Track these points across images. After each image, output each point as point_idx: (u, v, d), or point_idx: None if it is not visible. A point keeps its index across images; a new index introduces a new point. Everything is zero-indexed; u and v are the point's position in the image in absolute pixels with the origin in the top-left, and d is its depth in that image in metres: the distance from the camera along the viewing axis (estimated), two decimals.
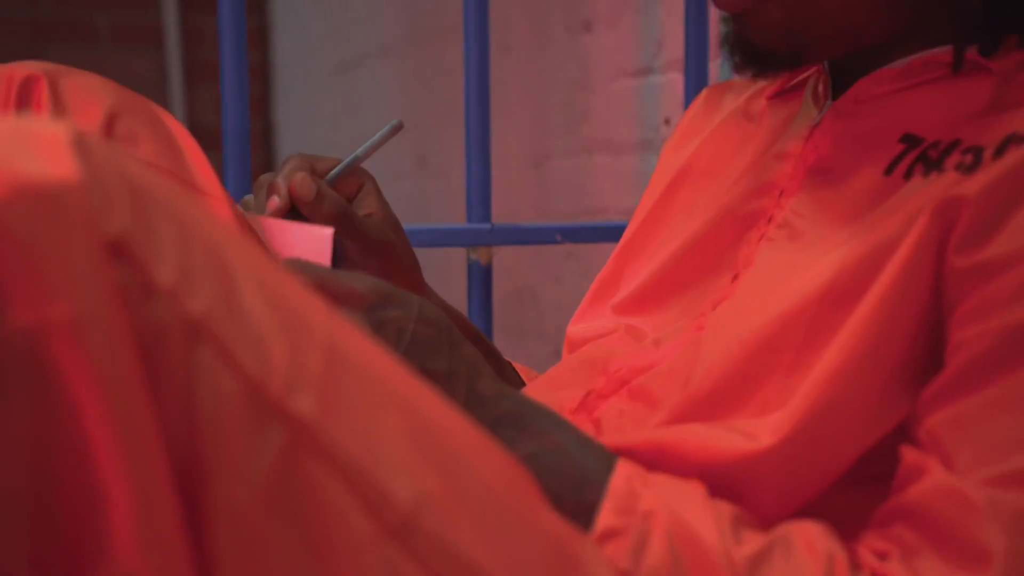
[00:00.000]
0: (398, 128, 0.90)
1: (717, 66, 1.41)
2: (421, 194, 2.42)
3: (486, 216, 1.33)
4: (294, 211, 0.85)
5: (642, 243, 0.92)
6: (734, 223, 0.82)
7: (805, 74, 0.87)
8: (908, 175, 0.73)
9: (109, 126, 0.81)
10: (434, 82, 2.31)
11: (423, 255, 1.24)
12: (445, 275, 2.23)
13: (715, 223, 0.83)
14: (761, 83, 0.91)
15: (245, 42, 1.18)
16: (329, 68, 2.97)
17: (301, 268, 0.70)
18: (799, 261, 0.75)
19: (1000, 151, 0.69)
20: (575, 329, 0.94)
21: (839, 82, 0.82)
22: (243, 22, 1.18)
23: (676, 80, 1.49)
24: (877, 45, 0.78)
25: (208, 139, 3.32)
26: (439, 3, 2.26)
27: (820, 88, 0.83)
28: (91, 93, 0.81)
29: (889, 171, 0.74)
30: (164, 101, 3.27)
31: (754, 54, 0.79)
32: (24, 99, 0.78)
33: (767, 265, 0.77)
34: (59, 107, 0.79)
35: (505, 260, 1.98)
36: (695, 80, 1.36)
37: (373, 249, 0.88)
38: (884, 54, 0.78)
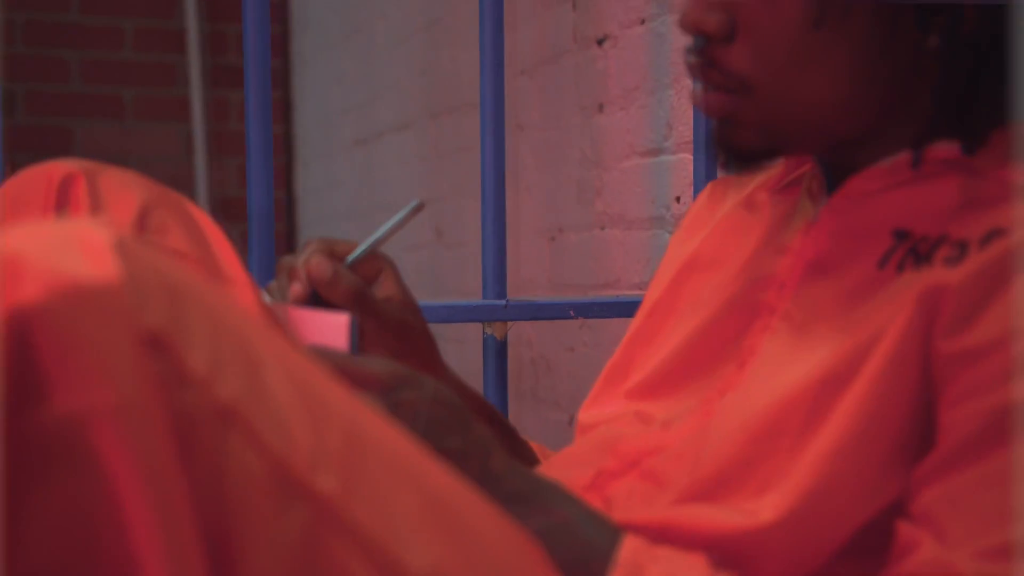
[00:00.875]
0: (418, 209, 0.94)
1: None
2: (438, 264, 2.46)
3: (501, 292, 1.37)
4: (314, 293, 0.89)
5: (652, 332, 0.96)
6: (739, 314, 0.87)
7: (802, 169, 0.92)
8: (900, 268, 0.78)
9: (142, 219, 0.86)
10: (451, 156, 2.36)
11: (439, 327, 1.27)
12: (461, 345, 2.26)
13: (721, 314, 0.88)
14: (762, 177, 0.96)
15: (270, 115, 1.23)
16: (349, 141, 3.03)
17: (323, 354, 0.75)
18: (800, 351, 0.79)
19: (983, 244, 0.74)
20: (587, 415, 0.98)
21: (833, 177, 0.87)
22: (269, 96, 1.23)
23: (686, 160, 1.53)
24: (857, 140, 0.83)
25: (233, 210, 3.39)
26: (456, 81, 2.31)
27: (815, 185, 0.88)
28: (125, 189, 0.87)
29: (882, 264, 0.79)
30: (189, 173, 3.33)
31: (736, 152, 0.85)
32: (64, 196, 0.84)
33: (770, 355, 0.82)
34: (96, 203, 0.84)
35: (520, 329, 2.01)
36: (704, 160, 1.40)
37: (390, 329, 0.93)
38: (871, 147, 0.83)
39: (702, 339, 0.89)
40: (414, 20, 2.53)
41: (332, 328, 0.85)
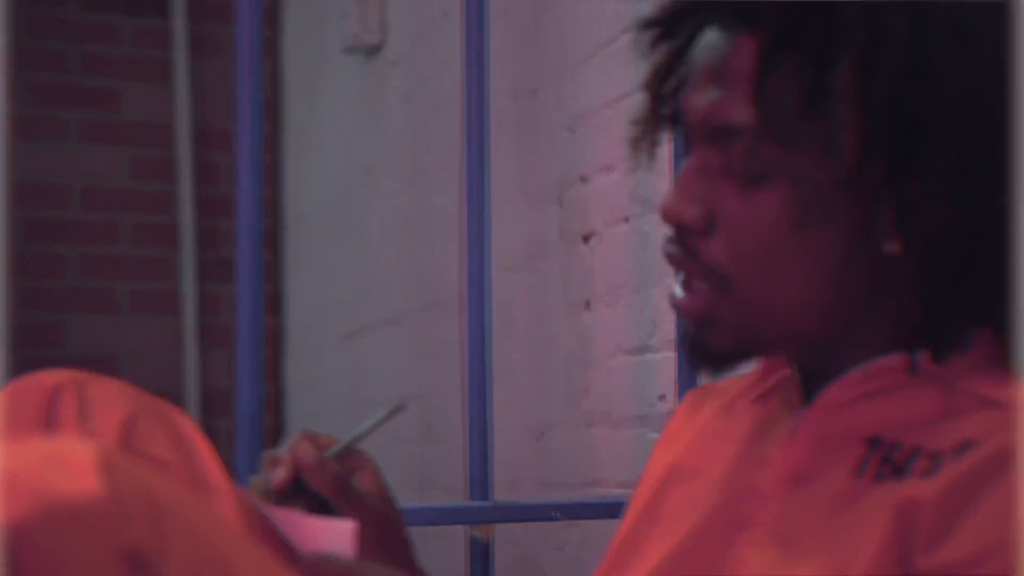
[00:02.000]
0: (399, 410, 0.95)
1: None
2: (425, 461, 2.45)
3: (487, 493, 1.37)
4: (298, 485, 0.90)
5: (636, 544, 0.96)
6: (723, 527, 0.86)
7: (779, 376, 0.93)
8: (878, 478, 0.78)
9: (128, 428, 0.88)
10: (440, 352, 2.38)
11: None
12: (446, 543, 2.23)
13: (705, 528, 0.88)
14: (740, 385, 0.97)
15: (263, 310, 1.25)
16: (339, 335, 3.05)
17: (326, 560, 0.75)
18: (784, 565, 0.79)
19: (957, 456, 0.74)
20: None
21: (810, 384, 0.87)
22: (262, 290, 1.25)
23: (670, 359, 1.55)
24: (831, 343, 0.84)
25: (224, 403, 3.38)
26: (444, 277, 2.35)
27: (793, 394, 0.89)
28: (112, 399, 0.90)
29: (860, 473, 0.79)
30: (179, 366, 3.34)
31: (709, 355, 0.85)
32: (55, 407, 0.86)
33: (755, 569, 0.81)
34: (85, 413, 0.86)
35: (507, 527, 1.99)
36: (687, 359, 1.41)
37: (372, 523, 0.93)
38: (847, 352, 0.84)
39: (688, 553, 0.88)
40: (404, 217, 2.58)
41: (333, 534, 0.85)
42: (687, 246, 0.83)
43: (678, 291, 0.85)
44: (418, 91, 2.44)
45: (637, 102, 0.89)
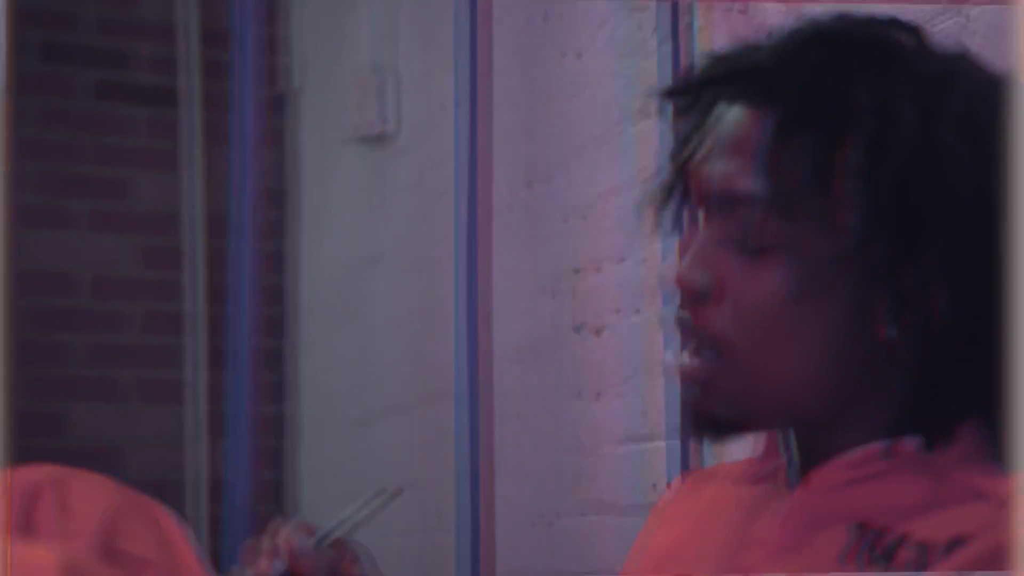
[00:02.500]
0: (396, 494, 0.94)
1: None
2: (437, 550, 2.42)
3: None
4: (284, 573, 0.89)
5: None
6: None
7: (774, 462, 0.92)
8: (860, 564, 0.78)
9: (110, 526, 0.88)
10: (447, 441, 2.36)
11: None
12: None
13: None
14: (738, 468, 0.96)
15: (255, 396, 1.24)
16: (348, 422, 3.03)
17: None
18: None
19: (947, 552, 0.75)
20: None
21: (805, 467, 0.87)
22: (258, 378, 1.24)
23: (676, 447, 1.54)
24: (824, 422, 0.84)
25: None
26: (448, 366, 2.34)
27: (782, 476, 0.89)
28: (94, 495, 0.91)
29: (842, 559, 0.79)
30: (185, 455, 3.32)
31: (708, 420, 0.86)
32: (31, 506, 0.86)
33: None
34: (64, 511, 0.87)
35: None
36: (686, 446, 1.41)
37: None
38: (840, 433, 0.84)
39: None
40: (409, 305, 2.58)
41: None
42: (695, 313, 0.85)
43: (684, 358, 0.86)
44: (425, 179, 2.46)
45: (646, 183, 0.91)
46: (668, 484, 1.41)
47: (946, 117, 0.81)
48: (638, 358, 1.63)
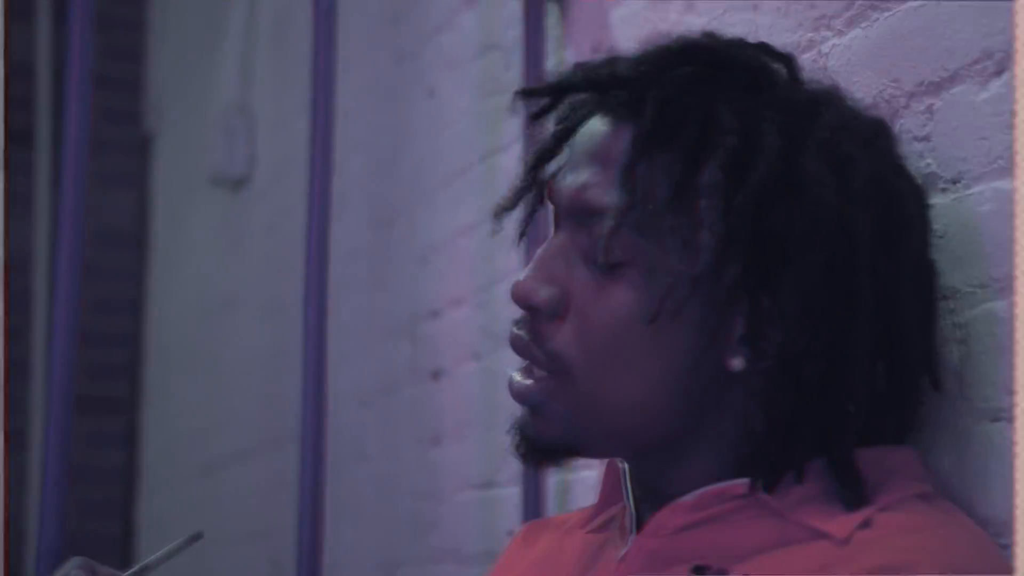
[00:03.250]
0: (195, 539, 0.91)
1: (554, 482, 1.45)
2: None
3: None
4: None
5: None
6: None
7: (615, 509, 0.90)
8: None
9: None
10: (293, 488, 2.31)
11: None
12: None
13: None
14: (577, 516, 0.94)
15: (69, 447, 1.19)
16: (193, 469, 2.96)
17: None
18: None
19: None
20: None
21: (644, 510, 0.84)
22: (69, 428, 1.20)
23: (518, 494, 1.52)
24: (666, 457, 0.82)
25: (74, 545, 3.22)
26: (295, 410, 2.30)
27: (625, 520, 0.86)
28: None
29: None
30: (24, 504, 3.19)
31: (537, 444, 0.82)
32: None
33: None
34: None
35: None
36: (533, 494, 1.39)
37: None
38: (681, 472, 0.82)
39: None
40: (261, 349, 2.53)
41: None
42: (533, 329, 0.81)
43: (516, 376, 0.83)
44: (281, 222, 2.42)
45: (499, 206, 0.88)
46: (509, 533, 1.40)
47: (810, 145, 0.79)
48: (480, 403, 1.62)
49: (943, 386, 0.87)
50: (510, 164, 1.48)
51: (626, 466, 0.88)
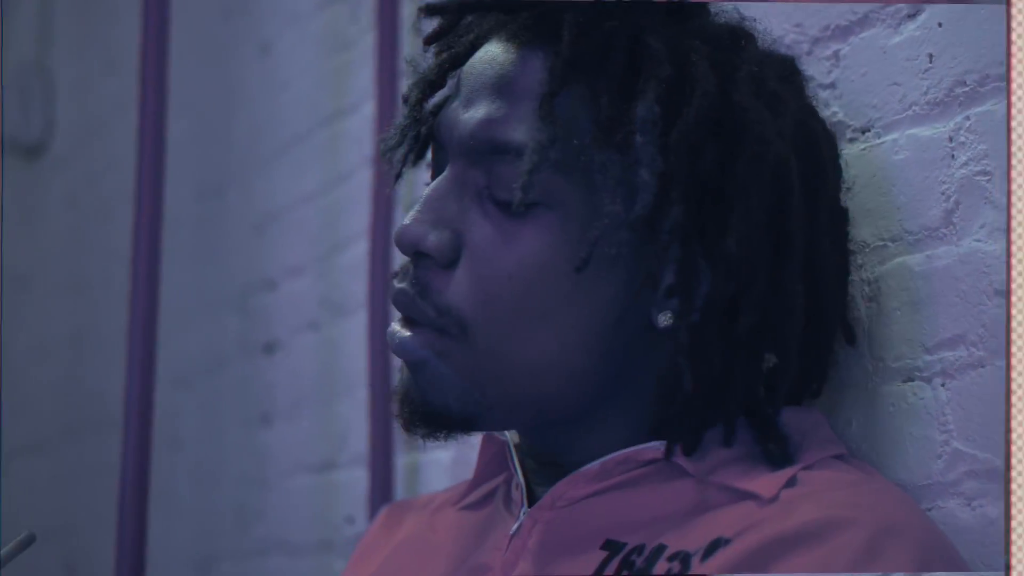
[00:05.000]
0: (28, 542, 0.78)
1: (403, 463, 1.37)
2: None
3: None
4: None
5: None
6: None
7: (493, 483, 0.82)
8: None
9: None
10: (91, 481, 2.17)
11: None
12: None
13: None
14: (446, 495, 0.86)
15: None
16: None
17: None
18: None
19: (707, 555, 0.66)
20: None
21: (539, 477, 0.77)
22: None
23: (361, 477, 1.44)
24: (573, 422, 0.74)
25: None
26: (102, 396, 2.16)
27: (515, 494, 0.77)
28: None
29: None
30: None
31: (426, 411, 0.73)
32: None
33: None
34: None
35: None
36: (380, 476, 1.32)
37: None
38: (587, 437, 0.74)
39: None
40: (60, 331, 2.38)
41: None
42: (421, 281, 0.72)
43: (396, 326, 0.73)
44: (84, 193, 2.27)
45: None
46: (371, 517, 1.31)
47: (740, 79, 0.72)
48: (317, 377, 1.53)
49: (856, 340, 0.83)
50: (357, 126, 1.40)
51: (512, 437, 0.80)
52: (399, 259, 0.76)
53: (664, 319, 0.72)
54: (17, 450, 2.53)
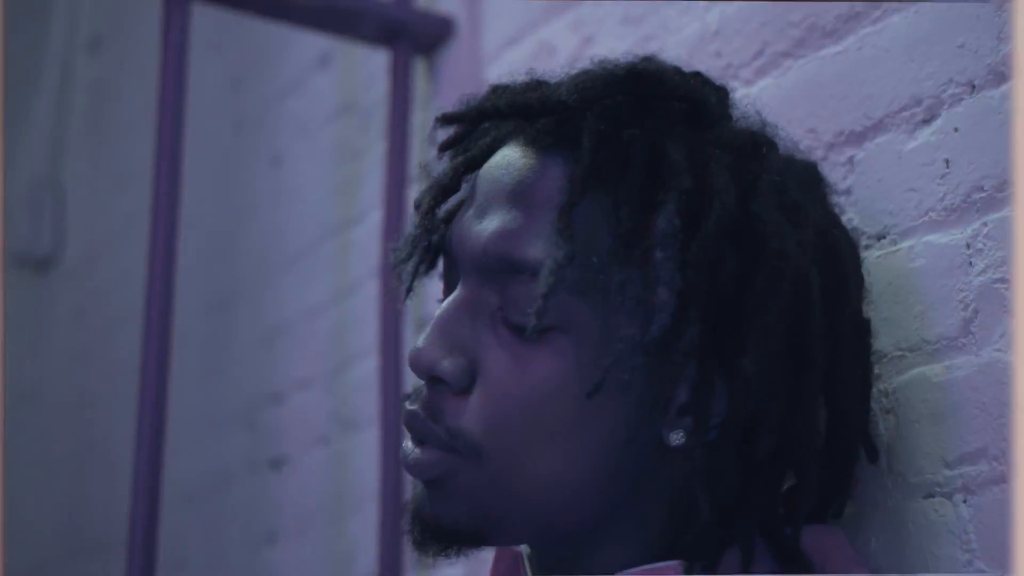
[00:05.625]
0: None
1: None
2: None
3: None
4: None
5: None
6: None
7: None
8: None
9: None
10: None
11: None
12: None
13: None
14: None
15: None
16: None
17: None
18: None
19: None
20: None
21: None
22: None
23: None
24: (583, 540, 0.71)
25: None
26: (105, 514, 2.12)
27: None
28: None
29: None
30: None
31: (437, 530, 0.70)
32: None
33: None
34: None
35: None
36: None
37: None
38: (595, 555, 0.72)
39: None
40: (64, 449, 2.35)
41: None
42: (433, 404, 0.69)
43: (410, 445, 0.70)
44: (92, 308, 2.26)
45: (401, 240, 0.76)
46: None
47: (761, 189, 0.70)
48: (326, 493, 1.50)
49: (878, 457, 0.80)
50: (366, 236, 1.39)
51: (526, 550, 0.77)
52: (410, 375, 0.74)
53: (676, 438, 0.69)
54: (20, 572, 2.48)
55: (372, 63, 1.44)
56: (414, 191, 0.81)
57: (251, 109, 1.77)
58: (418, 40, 1.33)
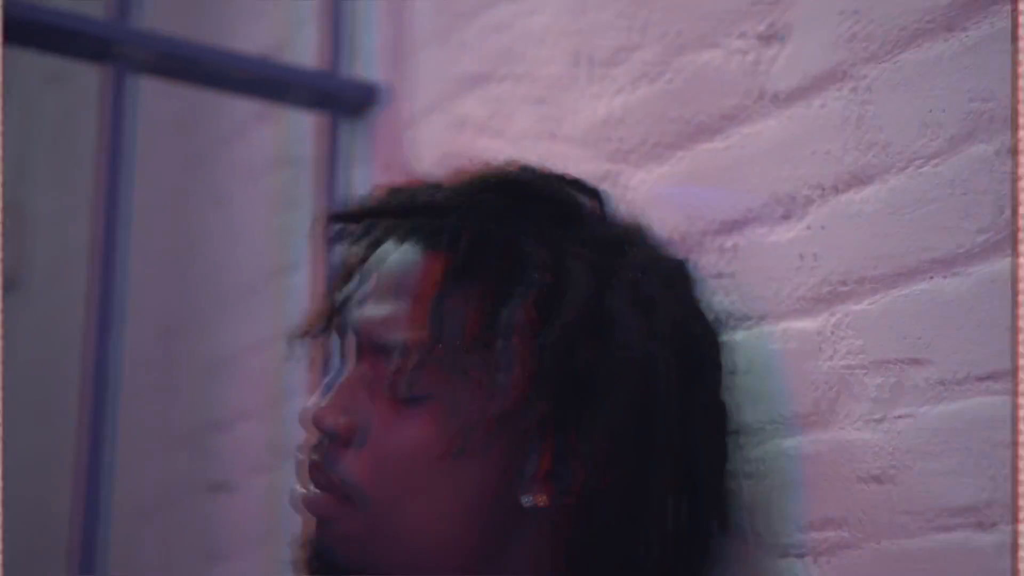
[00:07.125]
0: None
1: None
2: None
3: None
4: None
5: None
6: None
7: None
8: None
9: None
10: None
11: None
12: None
13: None
14: None
15: None
16: None
17: None
18: None
19: None
20: None
21: None
22: None
23: None
24: None
25: None
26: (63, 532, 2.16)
27: None
28: None
29: None
30: None
31: (330, 559, 0.81)
32: None
33: None
34: None
35: None
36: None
37: None
38: None
39: None
40: (22, 464, 2.37)
41: None
42: (330, 457, 0.80)
43: (299, 488, 0.82)
44: (55, 329, 2.30)
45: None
46: None
47: (617, 285, 0.80)
48: (267, 520, 1.55)
49: (731, 525, 0.89)
50: (300, 283, 1.46)
51: None
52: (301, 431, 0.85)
53: (527, 501, 0.79)
54: None
55: (304, 121, 1.52)
56: (340, 248, 0.92)
57: (197, 151, 1.83)
58: (345, 105, 1.43)
